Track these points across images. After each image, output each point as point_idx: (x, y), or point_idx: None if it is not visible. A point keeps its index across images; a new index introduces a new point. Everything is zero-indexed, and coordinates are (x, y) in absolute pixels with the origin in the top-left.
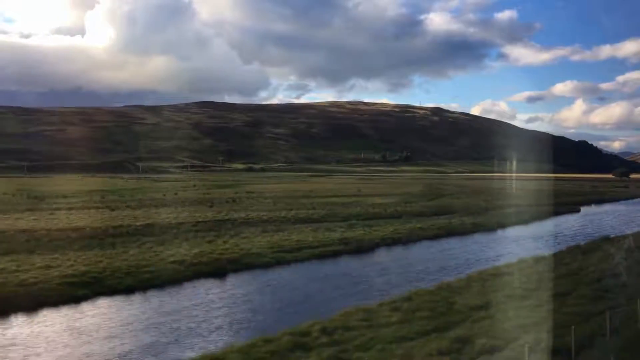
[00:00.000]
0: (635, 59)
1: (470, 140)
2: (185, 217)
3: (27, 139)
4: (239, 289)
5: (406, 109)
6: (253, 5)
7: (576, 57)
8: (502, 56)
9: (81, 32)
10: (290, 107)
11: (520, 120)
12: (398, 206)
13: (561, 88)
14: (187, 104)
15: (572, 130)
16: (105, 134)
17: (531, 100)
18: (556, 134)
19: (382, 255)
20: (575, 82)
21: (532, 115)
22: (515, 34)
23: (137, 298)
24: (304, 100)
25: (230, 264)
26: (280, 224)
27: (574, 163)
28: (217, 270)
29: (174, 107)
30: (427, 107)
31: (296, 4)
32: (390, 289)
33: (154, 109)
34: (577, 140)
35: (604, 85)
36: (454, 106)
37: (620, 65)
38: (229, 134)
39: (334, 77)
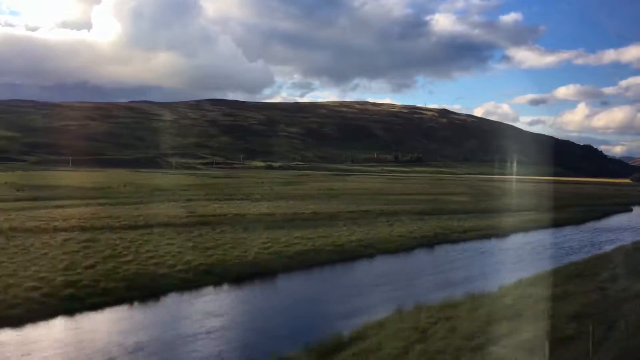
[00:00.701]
0: (639, 64)
1: (477, 142)
2: (344, 208)
3: (54, 134)
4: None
5: (413, 109)
6: (260, 3)
7: (580, 61)
8: (506, 58)
9: (87, 26)
10: (301, 107)
11: (522, 123)
12: (476, 204)
13: (564, 91)
14: (198, 101)
15: (574, 134)
16: (126, 129)
17: (534, 103)
18: (559, 137)
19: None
20: (578, 86)
21: (535, 118)
22: (520, 36)
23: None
24: (308, 99)
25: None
26: (410, 215)
27: (580, 167)
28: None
29: (185, 103)
30: (434, 109)
31: (303, 2)
32: None
33: (169, 106)
34: (581, 144)
35: (607, 90)
36: (456, 107)
37: (623, 69)
38: (245, 132)
39: (338, 76)
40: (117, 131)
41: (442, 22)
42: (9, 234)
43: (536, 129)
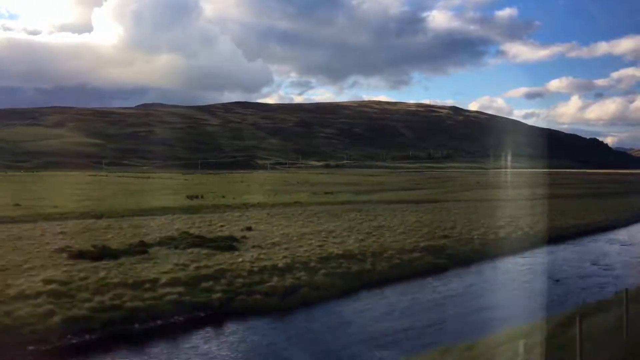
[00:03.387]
0: (631, 56)
1: (493, 138)
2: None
3: (130, 140)
4: None
5: (428, 108)
6: (258, 2)
7: (573, 54)
8: (500, 53)
9: (87, 29)
10: (327, 108)
11: (516, 116)
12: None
13: (557, 84)
14: (226, 104)
15: (566, 126)
16: (187, 134)
17: (528, 96)
18: (554, 129)
19: None
20: (570, 79)
21: (529, 111)
22: (515, 31)
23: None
24: (305, 97)
25: None
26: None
27: (588, 159)
28: None
29: (215, 107)
30: (446, 107)
31: (301, 1)
32: None
33: (207, 109)
34: (585, 137)
35: (599, 82)
36: (450, 102)
37: (615, 61)
38: (287, 133)
39: (335, 74)
40: (181, 136)
41: (439, 19)
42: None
43: (531, 122)
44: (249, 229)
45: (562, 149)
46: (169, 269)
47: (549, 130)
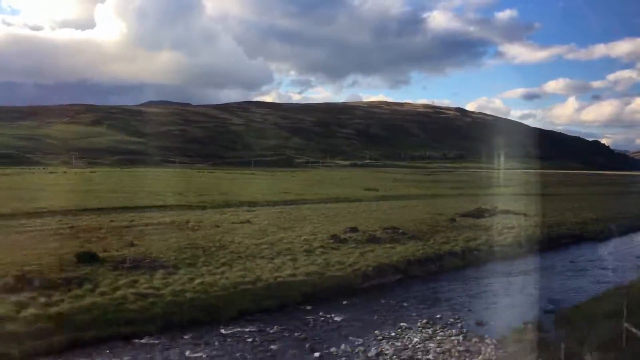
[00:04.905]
0: (628, 59)
1: (501, 139)
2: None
3: (167, 138)
4: None
5: (435, 109)
6: (259, 1)
7: (570, 56)
8: (499, 54)
9: (89, 25)
10: (340, 108)
11: (514, 117)
12: None
13: (554, 85)
14: (242, 103)
15: (561, 127)
16: (211, 132)
17: (525, 97)
18: (558, 131)
19: None
20: (567, 80)
21: (526, 112)
22: (514, 32)
23: None
24: (304, 95)
25: None
26: None
27: (591, 161)
28: None
29: (232, 106)
30: (452, 108)
31: (302, 0)
32: None
33: (224, 108)
34: (591, 139)
35: (595, 84)
36: (446, 102)
37: (612, 64)
38: (308, 133)
39: (335, 73)
40: (212, 135)
41: (439, 19)
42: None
43: (528, 123)
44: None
45: (566, 150)
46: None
47: (552, 132)
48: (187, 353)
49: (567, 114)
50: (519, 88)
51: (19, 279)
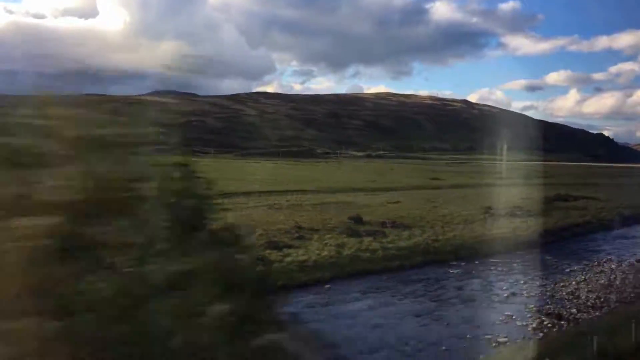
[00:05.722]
0: (630, 51)
1: (508, 131)
2: None
3: (187, 129)
4: None
5: (442, 101)
6: None
7: (573, 47)
8: (501, 45)
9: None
10: (349, 99)
11: (515, 108)
12: None
13: (555, 77)
14: (249, 94)
15: (562, 119)
16: (228, 123)
17: (526, 89)
18: (564, 124)
19: None
20: (569, 72)
21: (527, 103)
22: (517, 24)
23: None
24: (305, 86)
25: None
26: None
27: (596, 153)
28: None
29: (241, 96)
30: (459, 100)
31: None
32: None
33: (234, 98)
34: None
35: (597, 76)
36: (448, 93)
37: (614, 56)
38: (320, 124)
39: (337, 63)
40: (229, 125)
41: (442, 10)
42: None
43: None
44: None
45: (570, 143)
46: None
47: (555, 124)
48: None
49: (568, 106)
50: (520, 79)
51: (312, 230)
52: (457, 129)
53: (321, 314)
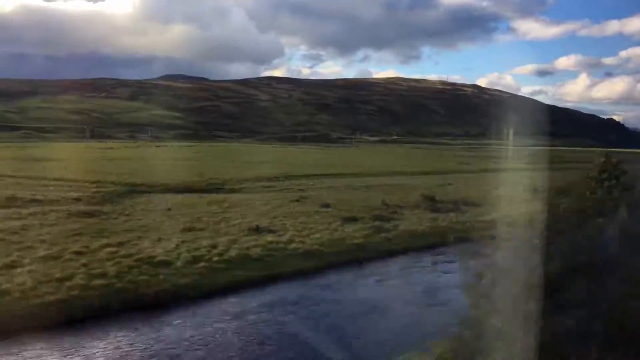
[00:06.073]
0: None
1: (519, 117)
2: None
3: (203, 114)
4: None
5: (453, 86)
6: None
7: (583, 32)
8: (511, 30)
9: None
10: (360, 84)
11: (524, 93)
12: None
13: (565, 62)
14: (260, 78)
15: (571, 104)
16: (242, 108)
17: (536, 73)
18: (565, 107)
19: None
20: (579, 57)
21: (536, 88)
22: (528, 7)
23: None
24: (314, 70)
25: None
26: None
27: (605, 139)
28: None
29: (252, 81)
30: (469, 85)
31: None
32: None
33: (246, 83)
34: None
35: (608, 60)
36: (456, 78)
37: (625, 41)
38: (332, 109)
39: (346, 47)
40: (244, 110)
41: None
42: None
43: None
44: None
45: (581, 128)
46: None
47: (566, 109)
48: None
49: (577, 90)
50: (530, 64)
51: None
52: (468, 114)
53: None
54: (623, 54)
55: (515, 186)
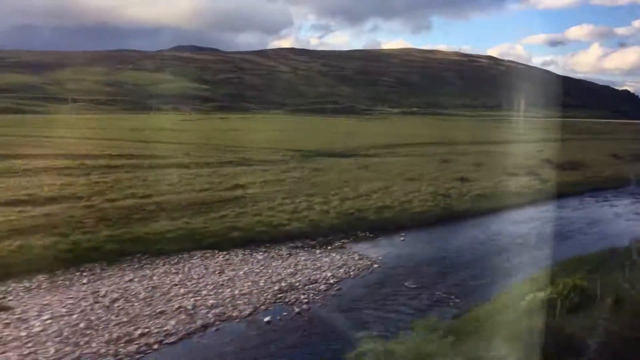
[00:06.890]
0: None
1: (536, 88)
2: None
3: (228, 85)
4: None
5: (468, 57)
6: None
7: (596, 1)
8: None
9: None
10: (375, 55)
11: (535, 64)
12: None
13: (577, 32)
14: (278, 50)
15: (582, 75)
16: (265, 80)
17: (547, 43)
18: (574, 77)
19: None
20: (592, 26)
21: (547, 58)
22: None
23: None
24: (322, 40)
25: None
26: None
27: (619, 110)
28: None
29: (267, 53)
30: (484, 56)
31: None
32: None
33: (263, 54)
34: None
35: (620, 30)
36: (467, 48)
37: (638, 10)
38: (352, 81)
39: (355, 17)
40: (267, 82)
41: None
42: None
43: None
44: None
45: (594, 99)
46: None
47: (581, 80)
48: None
49: (589, 61)
50: (541, 34)
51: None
52: (484, 85)
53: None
54: (636, 23)
55: (592, 153)
